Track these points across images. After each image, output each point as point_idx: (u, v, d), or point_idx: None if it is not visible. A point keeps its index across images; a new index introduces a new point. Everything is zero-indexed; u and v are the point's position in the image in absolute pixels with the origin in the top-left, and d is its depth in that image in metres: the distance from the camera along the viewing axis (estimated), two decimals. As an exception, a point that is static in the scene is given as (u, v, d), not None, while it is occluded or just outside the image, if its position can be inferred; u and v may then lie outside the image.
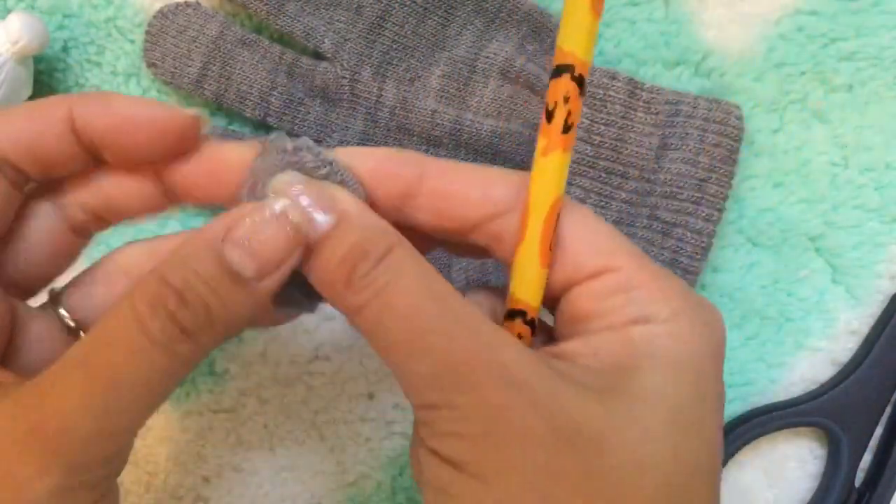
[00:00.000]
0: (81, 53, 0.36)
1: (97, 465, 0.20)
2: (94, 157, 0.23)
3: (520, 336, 0.23)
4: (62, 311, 0.24)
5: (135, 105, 0.22)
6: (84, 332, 0.24)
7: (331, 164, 0.21)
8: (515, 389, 0.18)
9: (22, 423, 0.19)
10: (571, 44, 0.21)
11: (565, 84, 0.22)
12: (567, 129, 0.22)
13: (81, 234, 0.26)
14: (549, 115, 0.22)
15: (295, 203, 0.20)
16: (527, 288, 0.22)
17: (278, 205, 0.20)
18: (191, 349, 0.19)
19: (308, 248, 0.20)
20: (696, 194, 0.33)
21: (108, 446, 0.20)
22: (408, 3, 0.35)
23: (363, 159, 0.22)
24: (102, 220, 0.25)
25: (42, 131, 0.22)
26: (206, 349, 0.20)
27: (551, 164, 0.22)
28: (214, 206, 0.37)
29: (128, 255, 0.25)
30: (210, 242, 0.19)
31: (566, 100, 0.22)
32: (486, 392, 0.18)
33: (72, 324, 0.24)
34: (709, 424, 0.20)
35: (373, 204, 0.22)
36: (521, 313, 0.22)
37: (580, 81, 0.22)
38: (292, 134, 0.36)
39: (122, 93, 0.37)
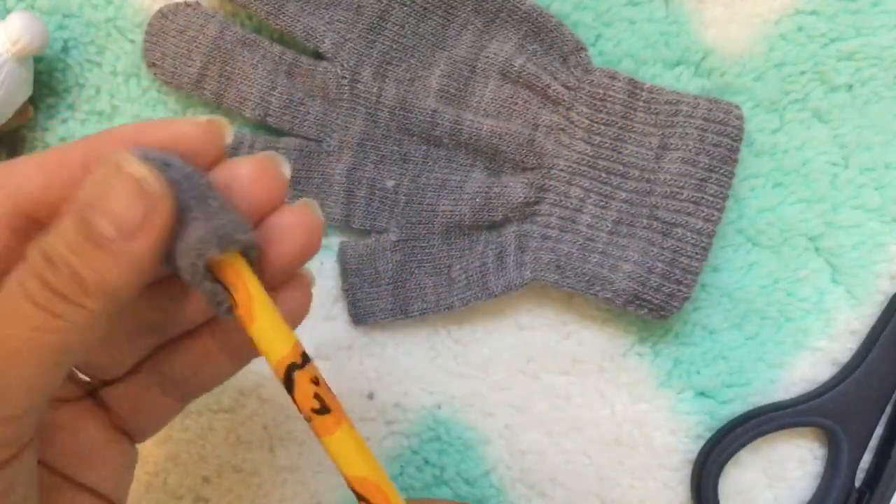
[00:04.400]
0: (81, 53, 0.36)
1: None
2: None
3: None
4: None
5: (149, 130, 0.22)
6: None
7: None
8: None
9: None
10: (341, 469, 0.21)
11: None
12: None
13: None
14: None
15: (133, 160, 0.20)
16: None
17: (130, 166, 0.19)
18: (76, 312, 0.19)
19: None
20: (696, 194, 0.33)
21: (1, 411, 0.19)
22: (408, 3, 0.35)
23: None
24: None
25: (57, 180, 0.21)
26: (96, 313, 0.20)
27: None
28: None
29: None
30: (75, 207, 0.19)
31: None
32: None
33: None
34: None
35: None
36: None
37: (359, 496, 0.21)
38: (292, 134, 0.36)
39: (122, 93, 0.37)
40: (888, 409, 0.36)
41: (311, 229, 0.22)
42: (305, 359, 0.21)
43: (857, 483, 0.36)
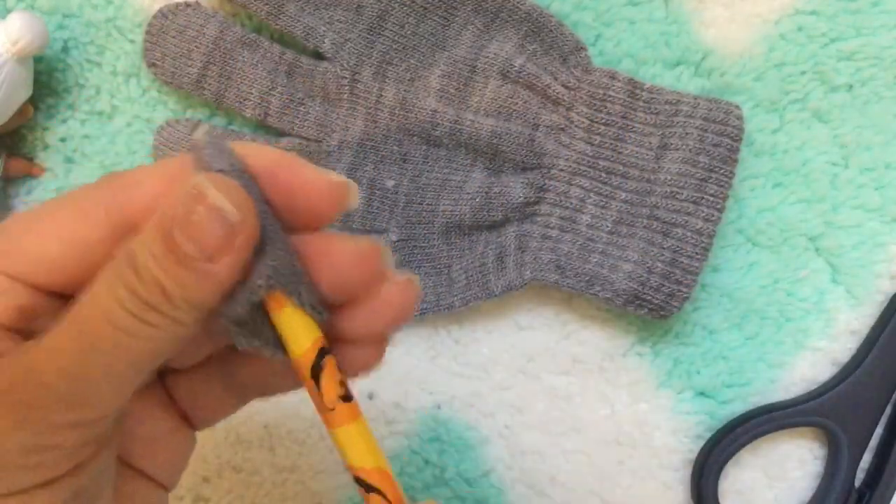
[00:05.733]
0: (81, 53, 0.36)
1: (68, 430, 0.20)
2: None
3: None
4: None
5: (280, 171, 0.22)
6: None
7: (232, 165, 0.21)
8: None
9: (6, 378, 0.20)
10: (346, 458, 0.22)
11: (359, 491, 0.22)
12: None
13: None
14: None
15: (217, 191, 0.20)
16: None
17: (209, 193, 0.20)
18: (166, 322, 0.20)
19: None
20: (696, 194, 0.33)
21: (82, 412, 0.20)
22: (408, 2, 0.35)
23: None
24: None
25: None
26: (179, 325, 0.20)
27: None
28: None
29: None
30: (160, 220, 0.20)
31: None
32: None
33: None
34: None
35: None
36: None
37: (365, 486, 0.22)
38: (292, 134, 0.36)
39: (122, 93, 0.37)
40: (888, 409, 0.36)
41: (408, 309, 0.22)
42: (328, 349, 0.22)
43: (857, 483, 0.36)
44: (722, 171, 0.33)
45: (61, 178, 0.37)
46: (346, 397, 0.22)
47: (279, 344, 0.21)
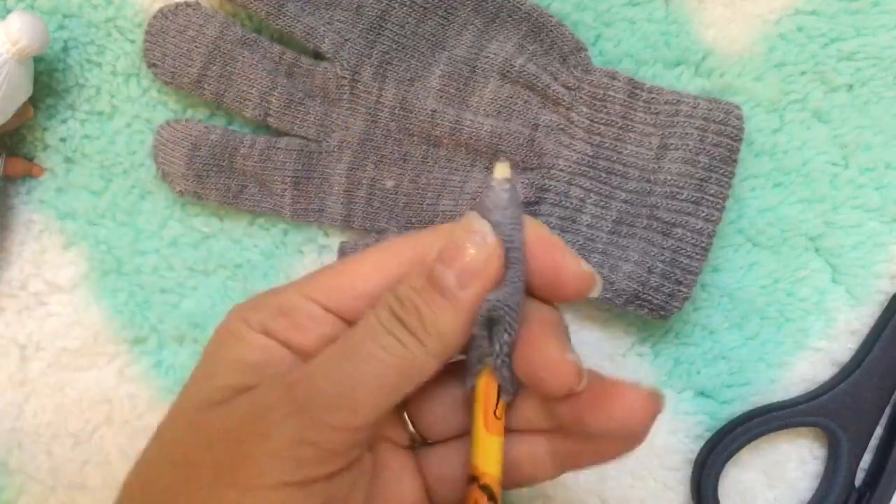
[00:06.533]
0: (81, 53, 0.36)
1: (333, 431, 0.23)
2: None
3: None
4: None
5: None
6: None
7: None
8: None
9: (292, 378, 0.23)
10: (480, 462, 0.25)
11: (475, 494, 0.25)
12: None
13: None
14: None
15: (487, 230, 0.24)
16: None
17: (476, 226, 0.24)
18: (416, 345, 0.23)
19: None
20: (696, 194, 0.33)
21: (344, 416, 0.23)
22: (408, 3, 0.35)
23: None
24: None
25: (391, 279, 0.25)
26: (430, 350, 0.23)
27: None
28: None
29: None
30: (424, 261, 0.24)
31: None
32: None
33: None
34: None
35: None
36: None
37: (489, 493, 0.25)
38: (292, 134, 0.36)
39: (122, 93, 0.37)
40: (888, 409, 0.36)
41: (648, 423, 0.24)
42: None
43: (857, 483, 0.36)
44: (722, 171, 0.33)
45: (61, 178, 0.37)
46: (499, 416, 0.25)
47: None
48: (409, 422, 0.27)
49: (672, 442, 0.37)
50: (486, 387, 0.25)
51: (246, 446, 0.22)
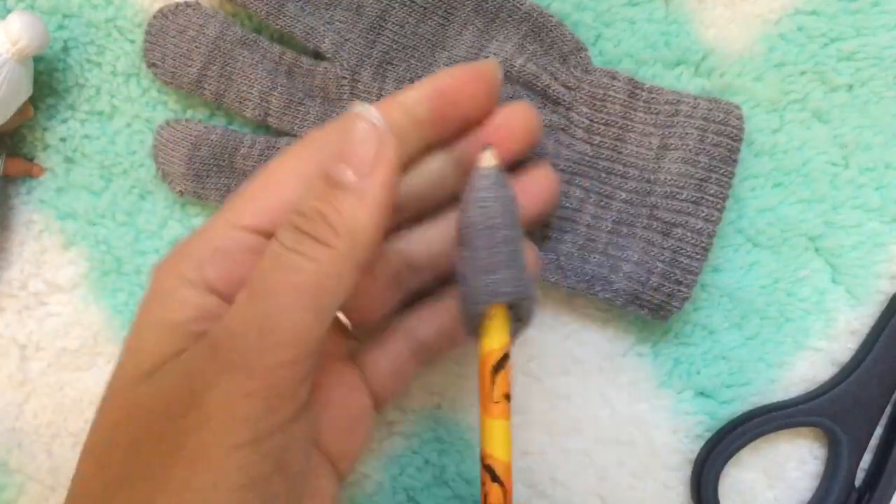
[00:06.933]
0: (81, 53, 0.36)
1: (268, 375, 0.21)
2: None
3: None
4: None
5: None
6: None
7: None
8: None
9: (209, 338, 0.22)
10: (485, 444, 0.26)
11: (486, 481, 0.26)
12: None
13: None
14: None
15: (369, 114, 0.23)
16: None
17: (360, 113, 0.23)
18: (326, 252, 0.22)
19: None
20: (696, 194, 0.33)
21: (274, 355, 0.21)
22: (408, 3, 0.35)
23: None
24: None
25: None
26: (343, 254, 0.22)
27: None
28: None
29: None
30: (319, 172, 0.23)
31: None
32: None
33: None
34: None
35: None
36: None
37: (491, 474, 0.25)
38: (292, 134, 0.36)
39: (122, 93, 0.37)
40: (888, 409, 0.36)
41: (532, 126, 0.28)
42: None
43: (857, 483, 0.36)
44: (722, 171, 0.33)
45: (61, 178, 0.37)
46: (508, 397, 0.26)
47: (477, 332, 0.26)
48: (344, 319, 0.27)
49: (672, 442, 0.37)
50: (485, 373, 0.25)
51: (184, 418, 0.21)
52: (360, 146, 0.22)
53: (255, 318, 0.21)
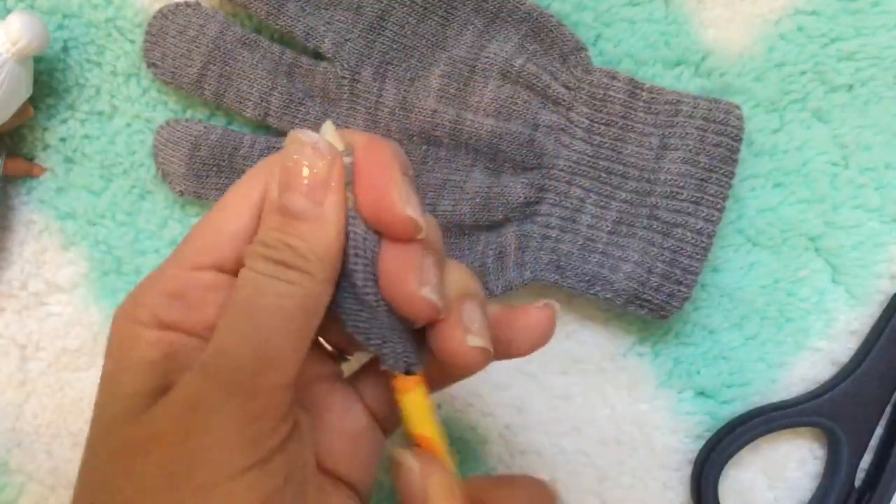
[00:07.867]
0: (81, 53, 0.36)
1: (269, 395, 0.22)
2: None
3: None
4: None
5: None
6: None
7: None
8: None
9: (201, 365, 0.22)
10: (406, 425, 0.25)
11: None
12: None
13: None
14: None
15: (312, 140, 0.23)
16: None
17: (304, 139, 0.23)
18: (302, 276, 0.22)
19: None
20: (696, 194, 0.33)
21: (273, 375, 0.22)
22: (408, 3, 0.35)
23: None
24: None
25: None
26: (317, 276, 0.23)
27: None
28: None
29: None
30: (271, 203, 0.23)
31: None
32: None
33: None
34: None
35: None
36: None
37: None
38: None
39: (122, 93, 0.37)
40: (888, 409, 0.36)
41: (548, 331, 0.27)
42: None
43: (857, 483, 0.36)
44: (722, 171, 0.33)
45: (61, 178, 0.37)
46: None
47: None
48: (324, 342, 0.27)
49: (672, 442, 0.37)
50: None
51: (190, 445, 0.21)
52: (311, 172, 0.23)
53: (250, 343, 0.22)
